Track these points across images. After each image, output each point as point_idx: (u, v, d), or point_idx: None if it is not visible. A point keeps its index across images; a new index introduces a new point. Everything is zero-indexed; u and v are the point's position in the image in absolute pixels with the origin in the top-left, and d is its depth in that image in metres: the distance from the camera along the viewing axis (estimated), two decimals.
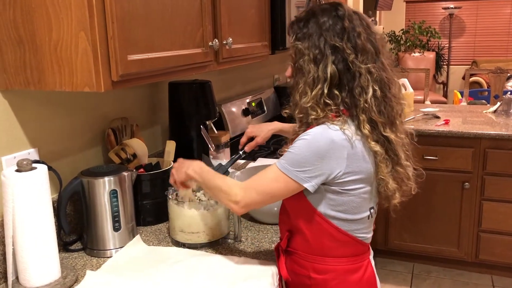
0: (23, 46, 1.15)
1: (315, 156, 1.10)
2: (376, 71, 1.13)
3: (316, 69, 1.13)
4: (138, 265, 1.29)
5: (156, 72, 1.28)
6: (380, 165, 1.16)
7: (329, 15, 1.15)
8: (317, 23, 1.15)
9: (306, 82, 1.14)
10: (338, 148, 1.10)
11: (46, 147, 1.41)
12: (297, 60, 1.17)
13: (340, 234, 1.19)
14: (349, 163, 1.12)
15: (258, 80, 2.95)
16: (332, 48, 1.12)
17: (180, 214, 1.39)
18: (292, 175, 1.12)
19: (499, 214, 2.89)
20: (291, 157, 1.12)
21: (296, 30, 1.19)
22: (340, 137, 1.10)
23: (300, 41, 1.16)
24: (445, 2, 7.56)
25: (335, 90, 1.13)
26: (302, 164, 1.11)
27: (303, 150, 1.11)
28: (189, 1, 1.41)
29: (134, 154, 1.61)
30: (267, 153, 2.38)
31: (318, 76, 1.13)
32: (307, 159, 1.10)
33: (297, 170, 1.11)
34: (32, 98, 1.34)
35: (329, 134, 1.10)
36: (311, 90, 1.13)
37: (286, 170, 1.12)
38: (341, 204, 1.16)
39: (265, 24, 2.02)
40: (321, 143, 1.10)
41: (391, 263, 3.21)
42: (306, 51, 1.14)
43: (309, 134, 1.12)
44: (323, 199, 1.16)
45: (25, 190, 1.12)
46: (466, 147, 2.88)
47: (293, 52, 1.19)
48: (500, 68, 4.73)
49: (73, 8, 1.07)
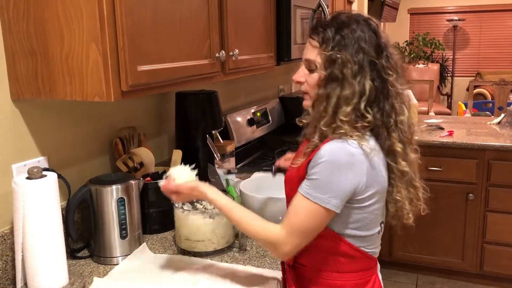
0: (35, 57, 1.18)
1: (338, 174, 1.07)
2: (404, 93, 1.14)
3: (353, 83, 1.08)
4: (144, 273, 1.31)
5: (164, 82, 1.31)
6: (399, 185, 1.16)
7: (363, 27, 1.11)
8: (352, 33, 1.10)
9: (342, 96, 1.09)
10: (358, 163, 1.08)
11: (56, 155, 1.43)
12: (333, 70, 1.10)
13: (352, 250, 1.18)
14: (368, 177, 1.10)
15: (263, 91, 2.97)
16: (371, 64, 1.09)
17: (186, 222, 1.41)
18: (325, 205, 1.08)
19: (504, 226, 2.88)
20: (318, 185, 1.08)
21: (329, 36, 1.11)
22: (359, 152, 1.08)
23: (335, 50, 1.10)
24: (449, 14, 7.60)
25: (368, 106, 1.10)
26: (332, 189, 1.07)
27: (327, 173, 1.07)
28: (197, 14, 1.44)
29: (141, 162, 1.63)
30: (272, 163, 2.39)
31: (355, 90, 1.08)
32: (333, 180, 1.07)
33: (330, 196, 1.07)
34: (42, 107, 1.37)
35: (347, 148, 1.07)
36: (347, 105, 1.09)
37: (321, 201, 1.08)
38: (356, 221, 1.15)
39: (270, 36, 2.05)
40: (342, 159, 1.07)
41: (395, 274, 3.20)
42: (348, 63, 1.08)
43: (325, 153, 1.08)
44: (339, 217, 1.13)
45: (35, 197, 1.14)
46: (470, 158, 2.88)
47: (326, 60, 1.11)
48: (504, 80, 4.74)
49: (85, 20, 1.10)
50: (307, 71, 1.17)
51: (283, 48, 2.15)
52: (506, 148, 2.77)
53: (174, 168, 1.27)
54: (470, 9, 7.49)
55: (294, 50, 2.23)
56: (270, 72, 2.41)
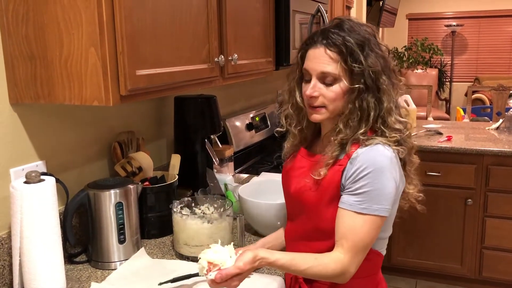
0: (35, 61, 1.18)
1: (387, 180, 1.09)
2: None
3: (390, 93, 1.14)
4: (142, 278, 1.30)
5: (163, 87, 1.31)
6: (413, 177, 1.21)
7: (380, 47, 1.14)
8: (375, 55, 1.12)
9: (384, 107, 1.13)
10: (395, 165, 1.12)
11: (54, 160, 1.43)
12: (371, 82, 1.11)
13: (372, 254, 1.18)
14: (400, 178, 1.15)
15: (262, 95, 2.98)
16: (390, 85, 1.14)
17: (185, 227, 1.40)
18: (383, 213, 1.10)
19: (502, 231, 2.88)
20: (375, 195, 1.08)
21: (353, 48, 1.10)
22: (393, 155, 1.11)
23: (362, 61, 1.10)
24: (448, 19, 7.63)
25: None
26: (386, 196, 1.09)
27: (378, 180, 1.08)
28: (196, 18, 1.44)
29: (139, 167, 1.63)
30: (270, 167, 2.39)
31: (391, 100, 1.14)
32: (385, 187, 1.09)
33: (385, 204, 1.10)
34: (40, 112, 1.37)
35: (385, 153, 1.10)
36: (389, 115, 1.14)
37: (379, 211, 1.09)
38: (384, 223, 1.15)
39: (269, 40, 2.05)
40: (384, 164, 1.09)
41: (393, 279, 3.19)
42: (383, 75, 1.12)
43: (365, 161, 1.09)
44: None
45: (33, 201, 1.14)
46: (468, 164, 2.89)
47: (355, 72, 1.10)
48: (503, 85, 4.75)
49: (84, 24, 1.10)
50: (321, 84, 1.14)
51: (282, 53, 2.15)
52: (505, 153, 2.78)
53: (204, 253, 1.06)
54: (468, 14, 7.52)
55: (293, 55, 2.23)
56: (269, 77, 2.41)
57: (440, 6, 7.67)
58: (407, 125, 1.18)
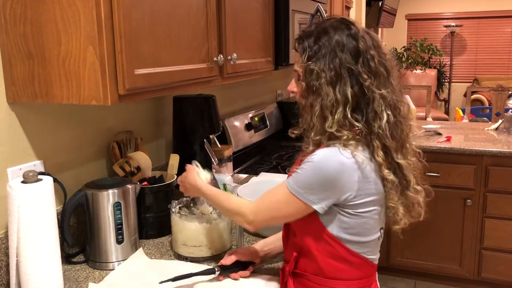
0: (32, 60, 1.17)
1: (323, 179, 1.08)
2: (389, 95, 1.11)
3: (334, 92, 1.08)
4: (140, 278, 1.30)
5: (162, 86, 1.30)
6: (391, 192, 1.14)
7: (342, 33, 1.10)
8: (329, 42, 1.10)
9: (324, 106, 1.09)
10: (349, 171, 1.07)
11: (52, 159, 1.42)
12: (311, 81, 1.11)
13: (352, 256, 1.16)
14: (360, 186, 1.09)
15: (261, 95, 2.97)
16: (349, 71, 1.08)
17: (183, 227, 1.39)
18: (302, 197, 1.10)
19: (501, 232, 2.88)
20: (300, 179, 1.11)
21: (306, 46, 1.12)
22: (350, 161, 1.07)
23: (312, 60, 1.10)
24: (447, 20, 7.64)
25: (355, 114, 1.09)
26: (311, 186, 1.09)
27: (313, 173, 1.09)
28: (195, 18, 1.44)
29: (138, 167, 1.62)
30: (270, 168, 2.39)
31: (337, 99, 1.08)
32: (316, 182, 1.09)
33: (306, 192, 1.09)
34: (38, 111, 1.36)
35: (339, 157, 1.07)
36: (331, 114, 1.08)
37: (296, 192, 1.10)
38: (353, 226, 1.14)
39: (268, 40, 2.05)
40: (331, 166, 1.07)
41: (392, 280, 3.19)
42: (322, 73, 1.09)
43: (318, 155, 1.09)
44: (336, 221, 1.13)
45: (30, 201, 1.13)
46: (468, 164, 2.88)
47: (304, 71, 1.13)
48: (502, 86, 4.75)
49: (82, 23, 1.09)
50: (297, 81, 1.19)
51: (281, 53, 2.15)
52: (504, 154, 2.78)
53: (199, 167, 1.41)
54: (467, 15, 7.53)
55: (292, 55, 2.23)
56: (268, 77, 2.41)
57: (439, 6, 7.68)
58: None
